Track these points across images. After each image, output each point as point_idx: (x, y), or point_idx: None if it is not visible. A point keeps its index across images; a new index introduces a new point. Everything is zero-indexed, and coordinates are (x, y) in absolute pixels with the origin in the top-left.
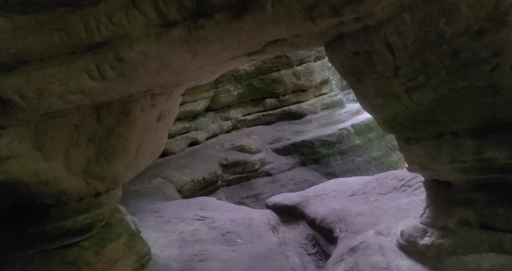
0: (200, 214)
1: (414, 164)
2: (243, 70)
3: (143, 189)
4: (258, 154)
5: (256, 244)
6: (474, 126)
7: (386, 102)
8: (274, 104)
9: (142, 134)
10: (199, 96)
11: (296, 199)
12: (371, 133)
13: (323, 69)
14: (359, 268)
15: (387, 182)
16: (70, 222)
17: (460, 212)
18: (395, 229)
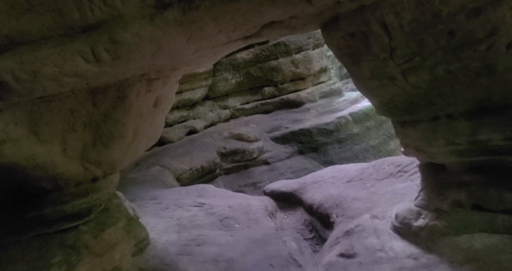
0: (198, 200)
1: (409, 148)
2: (241, 58)
3: (142, 177)
4: (256, 142)
5: (254, 229)
6: (469, 109)
7: (382, 85)
8: (273, 93)
9: (138, 120)
10: (197, 84)
11: (293, 186)
12: (369, 121)
13: (322, 57)
14: (354, 250)
15: (383, 168)
16: (68, 206)
17: (453, 194)
18: (390, 213)
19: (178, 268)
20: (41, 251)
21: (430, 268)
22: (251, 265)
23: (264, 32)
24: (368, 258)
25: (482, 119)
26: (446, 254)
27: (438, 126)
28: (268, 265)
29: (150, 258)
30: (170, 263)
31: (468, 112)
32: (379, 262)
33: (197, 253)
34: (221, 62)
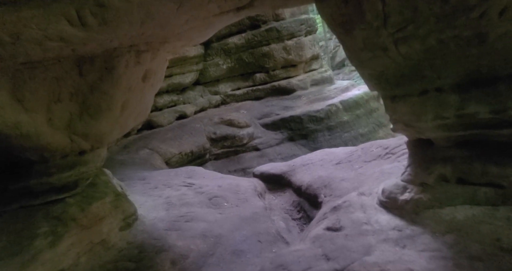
0: (187, 181)
1: (398, 123)
2: (233, 43)
3: (130, 159)
4: (246, 128)
5: (243, 208)
6: (458, 82)
7: (374, 56)
8: (264, 79)
9: (127, 93)
10: (188, 69)
11: (283, 168)
12: (359, 109)
13: (314, 44)
14: (341, 224)
15: (372, 150)
16: (54, 178)
17: (439, 168)
18: (377, 189)
19: (167, 242)
20: (26, 222)
21: (413, 238)
22: (239, 241)
23: (257, 2)
24: (354, 230)
25: (470, 92)
26: (429, 226)
27: (427, 100)
28: (256, 241)
29: (138, 233)
30: (158, 237)
31: (457, 85)
32: (365, 234)
33: (185, 229)
34: (212, 47)
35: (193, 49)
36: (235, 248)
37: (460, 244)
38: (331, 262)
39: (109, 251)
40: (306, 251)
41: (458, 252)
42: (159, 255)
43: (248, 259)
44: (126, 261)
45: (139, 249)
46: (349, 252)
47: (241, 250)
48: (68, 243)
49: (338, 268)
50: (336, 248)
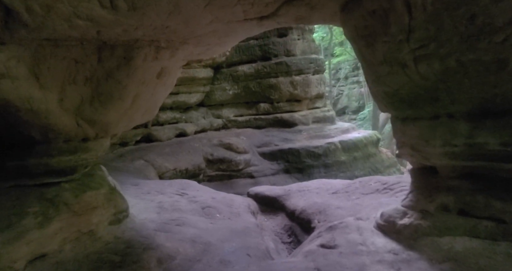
0: (181, 191)
1: (405, 147)
2: (242, 71)
3: (125, 167)
4: (244, 154)
5: (235, 221)
6: (471, 110)
7: (392, 71)
8: (267, 110)
9: (140, 86)
10: (194, 89)
11: (278, 192)
12: (357, 152)
13: (320, 83)
14: (336, 242)
15: (370, 184)
16: (54, 160)
17: (441, 197)
18: (375, 215)
19: (155, 241)
20: (18, 200)
21: (409, 263)
22: (228, 251)
23: (282, 11)
24: (349, 249)
25: (481, 121)
26: (426, 253)
27: (438, 125)
28: (245, 254)
29: (127, 230)
30: (147, 236)
31: (469, 113)
32: (359, 254)
33: (175, 232)
34: (222, 72)
35: (202, 71)
36: (223, 258)
37: None
38: None
39: (95, 242)
40: (298, 263)
41: None
42: (146, 252)
43: (235, 270)
44: (111, 254)
45: (126, 244)
46: (342, 268)
47: (229, 260)
48: (57, 227)
49: None
50: (329, 263)
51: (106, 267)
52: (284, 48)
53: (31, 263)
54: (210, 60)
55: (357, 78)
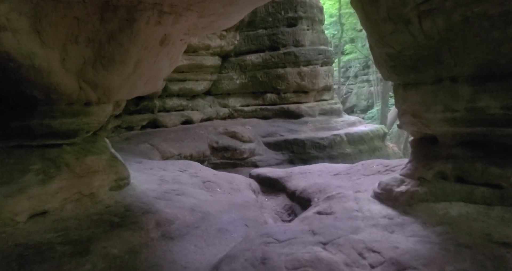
0: (183, 168)
1: (407, 114)
2: (250, 60)
3: (130, 149)
4: (249, 143)
5: (235, 195)
6: (474, 72)
7: (395, 29)
8: (274, 100)
9: (142, 51)
10: (202, 77)
11: (280, 173)
12: (363, 145)
13: (328, 75)
14: (332, 210)
15: (372, 166)
16: (56, 122)
17: (440, 165)
18: (373, 187)
19: (154, 207)
20: (20, 158)
21: (403, 226)
22: (226, 221)
23: None
24: (344, 215)
25: (484, 85)
26: (421, 217)
27: (439, 89)
28: (243, 224)
29: (127, 196)
30: (146, 202)
31: (471, 76)
32: (354, 219)
33: (175, 200)
34: (229, 61)
35: (210, 59)
36: (221, 227)
37: (450, 234)
38: (317, 236)
39: (96, 205)
40: (293, 226)
41: (446, 239)
42: (145, 215)
43: (232, 237)
44: (111, 216)
45: (126, 208)
46: (336, 230)
47: (227, 229)
48: (58, 186)
49: (323, 241)
50: (324, 226)
51: (105, 226)
52: (293, 38)
53: (32, 218)
54: (218, 48)
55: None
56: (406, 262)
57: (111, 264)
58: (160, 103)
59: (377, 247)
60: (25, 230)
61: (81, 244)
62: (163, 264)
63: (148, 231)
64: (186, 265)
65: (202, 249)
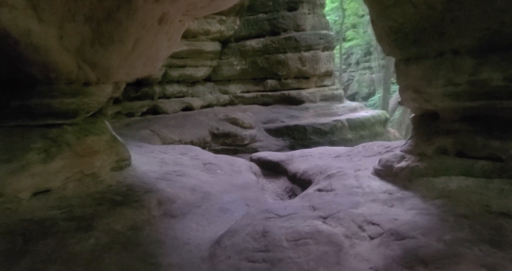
0: (183, 152)
1: (408, 90)
2: (250, 46)
3: (130, 134)
4: (250, 129)
5: (236, 177)
6: (477, 44)
7: (397, 1)
8: (275, 86)
9: (141, 30)
10: (202, 63)
11: (281, 157)
12: (364, 131)
13: (330, 60)
14: (332, 187)
15: (373, 148)
16: (56, 101)
17: (440, 140)
18: (374, 165)
19: (155, 187)
20: (21, 137)
21: (403, 200)
22: (227, 201)
23: None
24: (344, 191)
25: (486, 56)
26: (420, 191)
27: (441, 63)
28: (244, 204)
29: (128, 176)
30: (148, 182)
31: (474, 48)
32: (354, 195)
33: (176, 181)
34: (229, 46)
35: (210, 44)
36: (222, 206)
37: (448, 206)
38: (317, 211)
39: (98, 184)
40: (293, 203)
41: (445, 211)
42: (147, 194)
43: (233, 216)
44: (113, 194)
45: (127, 187)
46: (336, 205)
47: (228, 208)
48: (59, 165)
49: (323, 215)
50: (324, 202)
51: (108, 204)
52: (293, 22)
53: (35, 196)
54: (218, 33)
55: (368, 64)
56: (405, 232)
57: (114, 239)
58: (160, 89)
59: (377, 220)
60: (28, 207)
61: (85, 221)
62: (165, 240)
63: (150, 209)
64: (188, 241)
65: (203, 227)
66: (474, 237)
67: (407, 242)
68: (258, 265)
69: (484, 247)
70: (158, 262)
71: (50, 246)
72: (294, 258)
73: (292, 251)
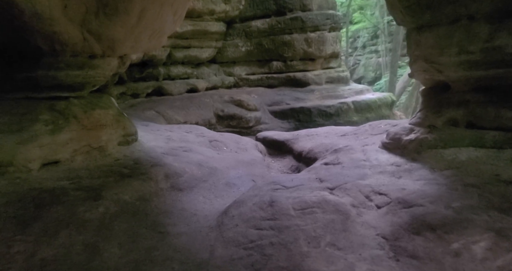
0: (189, 130)
1: (419, 60)
2: (256, 26)
3: (136, 115)
4: (255, 112)
5: (241, 154)
6: (493, 9)
7: None
8: (280, 68)
9: (146, 1)
10: (206, 43)
11: (286, 136)
12: (370, 113)
13: (336, 41)
14: (339, 160)
15: (380, 126)
16: (61, 73)
17: (451, 111)
18: (382, 139)
19: (162, 161)
20: (29, 108)
21: (411, 171)
22: (234, 176)
23: None
24: (351, 164)
25: (503, 22)
26: (429, 163)
27: (456, 30)
28: (250, 180)
29: (135, 151)
30: (155, 157)
31: (490, 13)
32: (362, 167)
33: (182, 156)
34: (234, 27)
35: (215, 25)
36: (229, 181)
37: (457, 176)
38: (324, 182)
39: (105, 158)
40: (300, 175)
41: (453, 181)
42: (154, 168)
43: (239, 191)
44: (121, 167)
45: (134, 161)
46: (343, 176)
47: (234, 183)
48: (67, 137)
49: (330, 187)
50: (331, 174)
51: (116, 176)
52: (300, 2)
53: (44, 167)
54: (223, 13)
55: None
56: (412, 201)
57: (123, 208)
58: (165, 70)
59: (384, 190)
60: (38, 177)
61: (93, 191)
62: (173, 211)
63: (158, 181)
64: (195, 212)
65: (210, 200)
66: (483, 204)
67: (415, 210)
68: (266, 232)
69: (492, 213)
70: (167, 231)
71: (61, 213)
72: (301, 226)
73: (299, 219)
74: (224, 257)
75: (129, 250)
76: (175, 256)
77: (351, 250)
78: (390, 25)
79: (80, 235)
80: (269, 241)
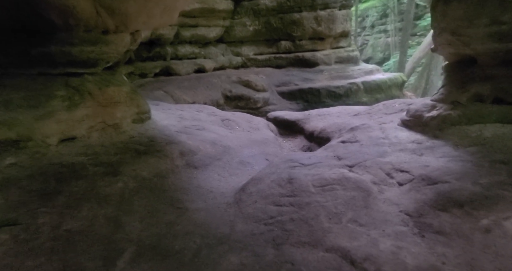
0: (200, 109)
1: (444, 33)
2: (264, 4)
3: (144, 94)
4: (263, 92)
5: (254, 133)
6: None
7: None
8: (288, 48)
9: None
10: (214, 22)
11: (297, 116)
12: (380, 94)
13: (346, 20)
14: (357, 139)
15: (394, 105)
16: (76, 49)
17: (476, 87)
18: (401, 116)
19: (176, 139)
20: (45, 84)
21: (433, 149)
22: (247, 155)
23: None
24: (370, 142)
25: None
26: (452, 140)
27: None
28: (263, 158)
29: (149, 129)
30: (169, 135)
31: None
32: (381, 145)
33: (196, 134)
34: (242, 5)
35: (223, 3)
36: (242, 160)
37: (483, 153)
38: (342, 160)
39: (120, 135)
40: (317, 153)
41: (479, 157)
42: (169, 145)
43: (254, 169)
44: (136, 145)
45: (149, 139)
46: (362, 154)
47: (248, 161)
48: (83, 113)
49: (349, 164)
50: (349, 152)
51: (132, 153)
52: None
53: (62, 142)
54: None
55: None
56: (437, 177)
57: (141, 184)
58: (173, 50)
59: (406, 167)
60: (57, 152)
61: (112, 166)
62: (189, 188)
63: (173, 159)
64: (211, 189)
65: (225, 178)
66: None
67: (440, 186)
68: (286, 208)
69: None
70: (185, 207)
71: (81, 187)
72: (322, 202)
73: (319, 195)
74: (245, 231)
75: (150, 224)
76: (195, 231)
77: (373, 226)
78: (400, 3)
79: (102, 209)
80: (289, 217)
